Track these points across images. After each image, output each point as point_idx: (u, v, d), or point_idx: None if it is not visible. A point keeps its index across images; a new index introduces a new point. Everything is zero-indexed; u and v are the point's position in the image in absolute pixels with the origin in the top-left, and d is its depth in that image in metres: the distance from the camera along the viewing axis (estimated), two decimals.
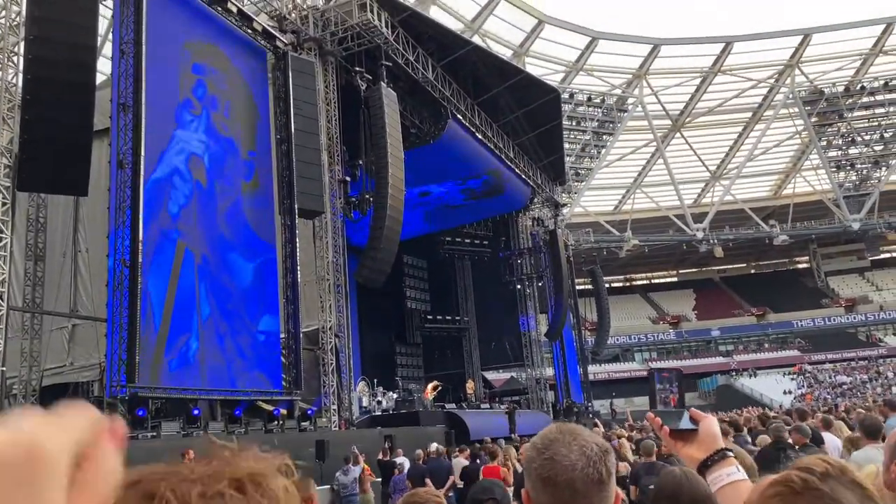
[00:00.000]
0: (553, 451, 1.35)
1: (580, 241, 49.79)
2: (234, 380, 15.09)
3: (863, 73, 50.71)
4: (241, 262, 16.11)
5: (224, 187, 15.94)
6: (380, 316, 31.54)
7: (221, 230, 15.71)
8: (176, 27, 15.37)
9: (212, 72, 16.10)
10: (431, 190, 29.03)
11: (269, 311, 16.66)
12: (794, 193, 57.75)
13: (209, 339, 14.62)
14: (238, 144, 16.72)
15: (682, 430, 1.58)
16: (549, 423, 7.33)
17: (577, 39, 46.60)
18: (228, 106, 16.51)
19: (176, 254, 14.12)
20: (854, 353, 53.33)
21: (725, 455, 1.52)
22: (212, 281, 15.05)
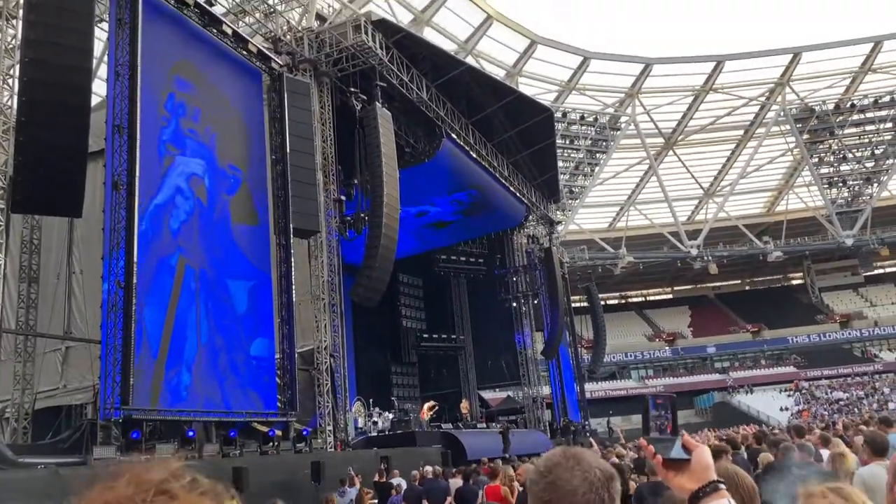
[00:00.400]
0: (555, 475, 1.35)
1: (575, 258, 49.87)
2: (229, 401, 14.98)
3: (852, 90, 51.25)
4: (234, 283, 16.06)
5: (212, 199, 15.88)
6: (375, 335, 31.45)
7: (217, 248, 15.68)
8: (169, 50, 15.40)
9: (185, 84, 15.81)
10: (428, 210, 29.09)
11: (263, 333, 16.57)
12: (787, 210, 58.06)
13: (206, 359, 14.54)
14: (213, 152, 16.29)
15: (674, 459, 1.56)
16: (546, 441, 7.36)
17: (569, 59, 47.03)
18: (197, 111, 16.07)
19: (177, 270, 14.10)
20: (850, 369, 53.33)
21: (717, 487, 1.50)
22: (211, 299, 15.02)
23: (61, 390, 16.64)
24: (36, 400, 16.54)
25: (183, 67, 15.88)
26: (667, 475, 1.59)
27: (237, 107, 17.53)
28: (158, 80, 14.81)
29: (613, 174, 55.01)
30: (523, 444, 24.28)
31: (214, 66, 17.00)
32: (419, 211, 28.52)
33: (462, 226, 32.11)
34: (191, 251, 14.73)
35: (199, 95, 16.27)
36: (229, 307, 15.68)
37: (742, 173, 54.09)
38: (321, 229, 18.73)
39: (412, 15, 39.78)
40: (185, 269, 14.39)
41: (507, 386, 35.72)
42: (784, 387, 52.60)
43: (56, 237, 17.65)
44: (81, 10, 11.93)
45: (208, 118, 16.37)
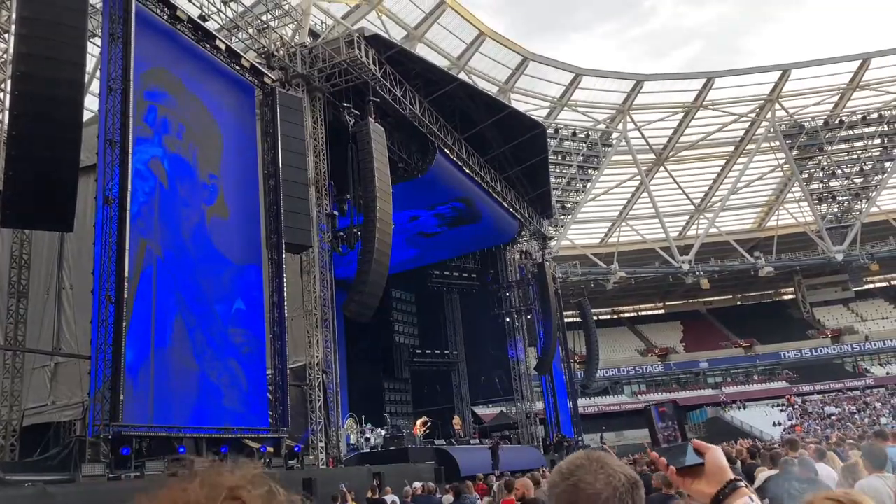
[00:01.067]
0: (578, 477, 1.31)
1: (568, 273, 49.92)
2: (220, 417, 14.84)
3: (841, 107, 51.77)
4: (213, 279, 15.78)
5: (186, 201, 15.54)
6: (368, 351, 31.32)
7: (187, 245, 15.27)
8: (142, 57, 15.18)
9: (162, 96, 15.60)
10: (420, 214, 29.04)
11: (252, 345, 16.45)
12: (777, 225, 58.38)
13: (181, 369, 14.36)
14: (195, 166, 16.16)
15: (687, 466, 1.51)
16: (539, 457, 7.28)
17: (561, 76, 47.36)
18: (181, 128, 15.96)
19: (138, 253, 13.58)
20: (841, 384, 53.43)
21: (737, 486, 1.44)
22: (182, 293, 14.75)
23: (50, 407, 16.45)
24: (24, 417, 16.34)
25: (157, 77, 15.47)
26: (683, 484, 1.54)
27: (218, 116, 17.27)
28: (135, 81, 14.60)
29: (605, 190, 55.25)
30: (516, 459, 24.15)
31: (204, 78, 16.95)
32: (411, 216, 28.48)
33: (453, 240, 32.04)
34: (153, 234, 14.25)
35: (178, 107, 16.03)
36: (215, 311, 15.48)
37: (733, 189, 54.41)
38: (313, 244, 18.68)
39: (405, 31, 40.01)
40: (144, 252, 13.86)
41: (501, 401, 35.59)
42: (777, 402, 52.61)
43: (46, 252, 17.53)
44: (74, 24, 11.92)
45: (189, 132, 16.13)
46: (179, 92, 16.15)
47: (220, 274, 16.05)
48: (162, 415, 13.39)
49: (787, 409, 51.04)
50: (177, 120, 15.85)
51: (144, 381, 13.23)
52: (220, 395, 14.97)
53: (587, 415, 47.04)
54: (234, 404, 15.31)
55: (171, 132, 15.61)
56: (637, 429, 48.19)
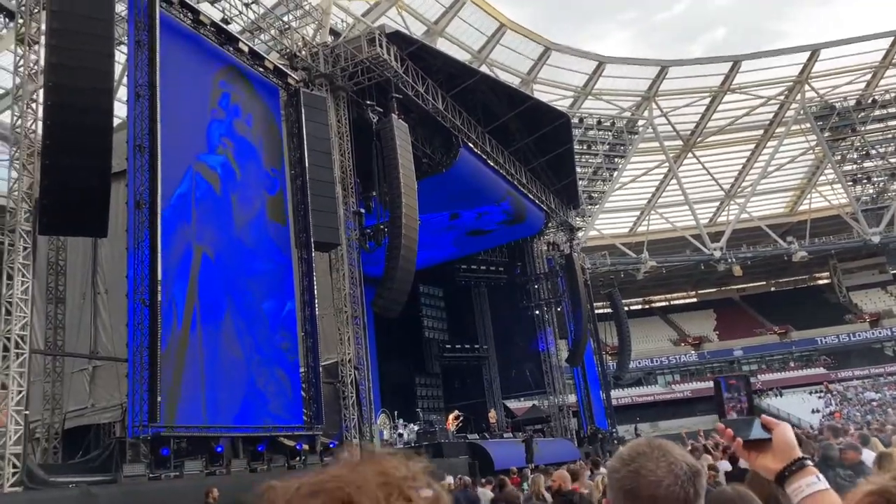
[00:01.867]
0: (639, 464, 1.30)
1: (597, 264, 49.52)
2: (255, 416, 15.02)
3: (873, 86, 50.55)
4: (264, 276, 16.35)
5: (245, 196, 16.37)
6: (398, 347, 31.42)
7: (240, 236, 15.97)
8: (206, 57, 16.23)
9: (233, 87, 16.98)
10: (462, 213, 29.16)
11: (292, 339, 16.72)
12: (810, 209, 57.29)
13: (229, 369, 14.62)
14: (260, 154, 17.28)
15: (754, 440, 1.50)
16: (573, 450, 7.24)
17: (584, 65, 46.94)
18: (251, 118, 17.24)
19: (194, 259, 14.38)
20: (882, 369, 52.29)
21: (804, 464, 1.43)
22: (232, 294, 15.22)
23: (89, 409, 16.80)
24: (65, 420, 16.72)
25: (227, 73, 16.83)
26: (749, 457, 1.53)
27: (269, 110, 18.25)
28: (202, 83, 15.75)
29: (632, 178, 54.69)
30: (550, 452, 24.08)
31: (245, 72, 17.64)
32: (452, 213, 28.76)
33: (496, 234, 32.23)
34: (206, 239, 14.95)
35: (248, 101, 17.37)
36: (259, 307, 15.93)
37: (763, 173, 53.49)
38: (341, 242, 18.80)
39: (425, 27, 39.98)
40: (202, 257, 14.60)
41: (533, 395, 35.47)
42: (814, 388, 51.70)
43: (81, 258, 17.89)
44: (102, 33, 12.12)
45: (257, 123, 17.42)
46: (248, 89, 17.48)
47: (272, 269, 16.66)
48: (208, 415, 13.64)
49: (825, 396, 50.14)
50: (246, 110, 17.04)
51: (194, 384, 13.57)
52: (262, 396, 15.19)
53: (621, 406, 46.69)
54: (274, 404, 15.51)
55: (242, 117, 16.82)
56: (672, 419, 47.75)
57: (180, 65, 15.18)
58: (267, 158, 17.49)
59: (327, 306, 18.57)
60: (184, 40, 15.77)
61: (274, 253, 16.92)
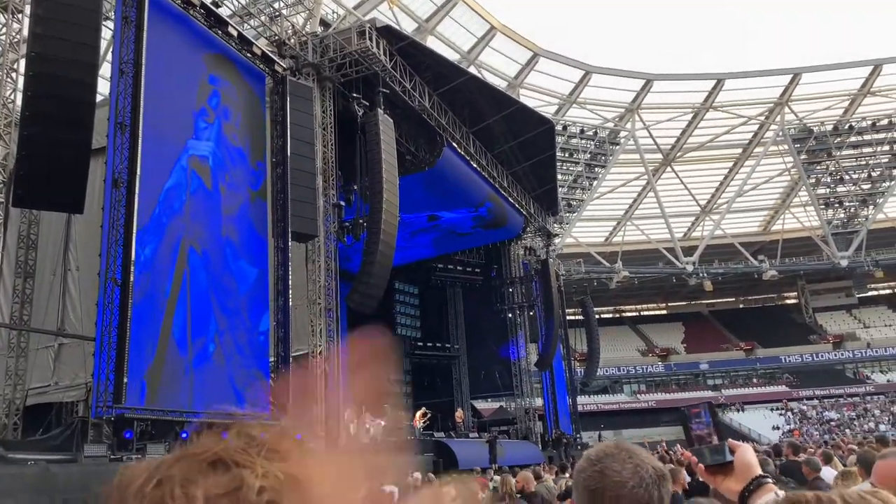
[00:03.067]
0: (605, 464, 1.31)
1: (571, 271, 49.87)
2: (222, 402, 14.92)
3: (851, 112, 51.56)
4: (246, 269, 16.31)
5: (230, 192, 16.32)
6: None
7: (227, 235, 15.93)
8: (194, 42, 15.96)
9: (225, 84, 16.73)
10: (441, 215, 29.19)
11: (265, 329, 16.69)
12: (783, 229, 58.25)
13: (204, 357, 14.53)
14: (247, 153, 17.19)
15: (715, 464, 1.54)
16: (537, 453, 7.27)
17: (570, 73, 47.24)
18: (240, 118, 17.10)
19: (180, 251, 14.34)
20: (842, 390, 53.38)
21: (762, 483, 1.47)
22: (214, 285, 15.15)
23: (53, 387, 16.55)
24: (27, 396, 16.45)
25: (216, 63, 16.63)
26: (714, 482, 1.57)
27: (257, 98, 18.14)
28: (182, 68, 15.40)
29: (611, 189, 55.15)
30: (514, 454, 24.23)
31: (232, 59, 17.46)
32: (430, 215, 28.79)
33: (473, 236, 32.34)
34: (193, 233, 14.97)
35: (237, 97, 17.20)
36: (236, 291, 15.87)
37: (739, 192, 54.28)
38: (319, 234, 18.72)
39: (416, 24, 39.93)
40: (188, 252, 14.60)
41: (500, 396, 35.64)
42: (776, 405, 52.61)
43: (53, 233, 17.61)
44: (89, 6, 11.96)
45: (245, 121, 17.28)
46: (236, 79, 17.19)
47: (255, 253, 16.72)
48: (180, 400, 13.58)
49: (785, 414, 51.05)
50: (236, 109, 16.86)
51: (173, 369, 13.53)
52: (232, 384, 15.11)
53: (586, 412, 47.08)
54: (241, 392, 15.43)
55: (231, 120, 16.63)
56: (636, 428, 48.26)
57: (167, 45, 15.02)
58: (252, 154, 17.47)
59: (301, 297, 18.48)
60: (172, 20, 15.60)
61: (255, 245, 16.91)
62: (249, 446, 0.69)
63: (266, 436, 0.73)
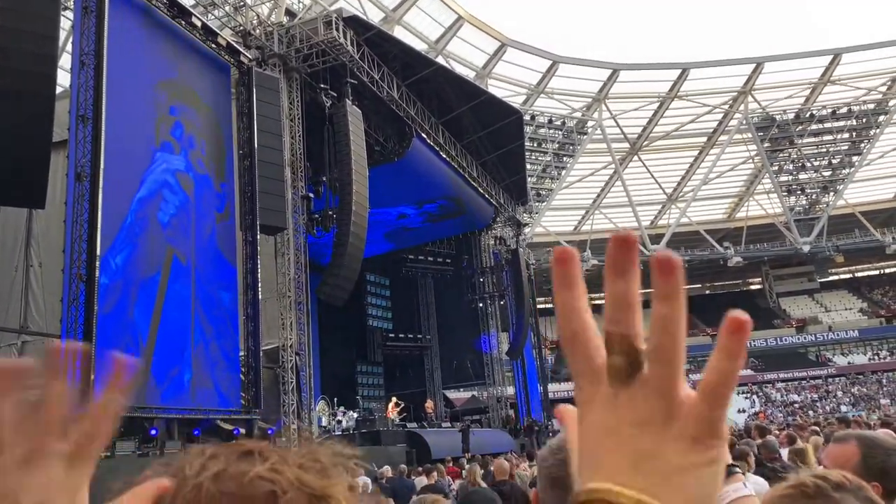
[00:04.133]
0: (567, 452, 1.35)
1: (541, 260, 50.20)
2: (191, 398, 14.78)
3: (812, 101, 52.62)
4: (215, 286, 16.24)
5: (203, 213, 16.26)
6: (341, 334, 31.27)
7: (205, 248, 15.88)
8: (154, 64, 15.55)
9: (185, 111, 16.37)
10: (407, 212, 29.20)
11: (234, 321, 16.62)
12: (747, 216, 59.32)
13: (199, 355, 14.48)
14: (212, 179, 16.97)
15: None
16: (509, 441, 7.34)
17: (538, 63, 47.42)
18: (204, 144, 16.79)
19: (165, 260, 14.34)
20: (805, 373, 54.72)
21: (732, 472, 1.50)
22: (202, 295, 15.12)
23: None
24: None
25: (165, 86, 15.99)
26: None
27: (216, 117, 17.66)
28: (137, 83, 14.99)
29: (580, 178, 55.60)
30: (486, 442, 24.40)
31: (190, 79, 17.00)
32: (400, 213, 28.73)
33: (432, 229, 32.31)
34: (180, 244, 14.98)
35: (197, 120, 16.75)
36: (212, 304, 15.75)
37: (704, 180, 55.12)
38: (288, 226, 18.57)
39: (383, 13, 39.69)
40: (172, 260, 14.59)
41: (472, 386, 35.84)
42: (742, 389, 53.73)
43: (13, 229, 17.20)
44: None
45: (209, 147, 16.93)
46: (194, 101, 16.74)
47: (221, 270, 16.62)
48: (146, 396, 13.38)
49: (751, 397, 52.19)
50: (199, 136, 16.55)
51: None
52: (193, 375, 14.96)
53: (557, 399, 47.48)
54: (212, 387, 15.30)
55: (196, 147, 16.35)
56: None
57: (129, 36, 14.70)
58: (216, 178, 17.17)
59: (270, 290, 18.34)
60: (134, 10, 15.28)
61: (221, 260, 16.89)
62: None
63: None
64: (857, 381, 52.77)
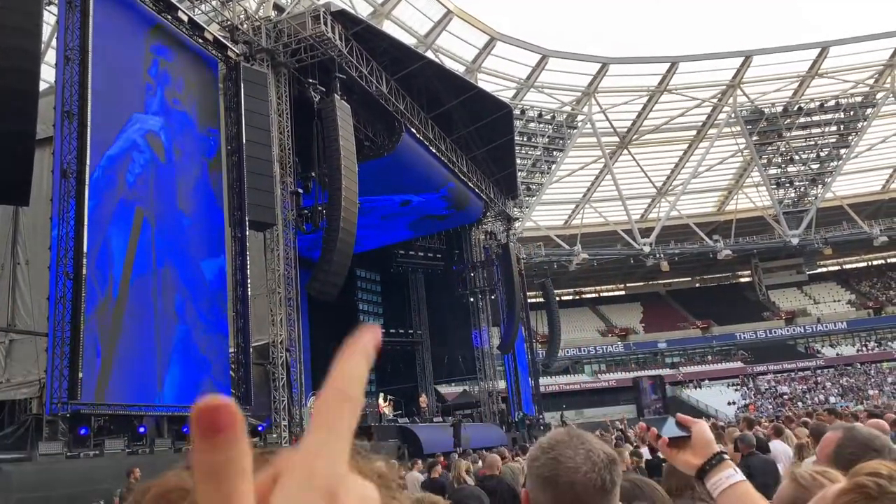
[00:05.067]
0: (558, 451, 1.34)
1: (532, 254, 50.30)
2: (180, 395, 14.69)
3: (800, 94, 52.80)
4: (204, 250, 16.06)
5: (183, 162, 15.99)
6: (332, 330, 31.12)
7: (182, 209, 15.62)
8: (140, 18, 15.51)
9: (165, 51, 16.34)
10: (412, 199, 29.10)
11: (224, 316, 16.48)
12: (736, 209, 59.55)
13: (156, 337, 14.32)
14: (193, 118, 16.74)
15: (676, 437, 1.61)
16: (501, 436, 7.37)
17: (528, 57, 47.34)
18: (181, 82, 16.63)
19: (134, 221, 14.09)
20: (794, 364, 55.08)
21: (722, 458, 1.54)
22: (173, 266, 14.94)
23: (5, 384, 16.10)
24: None
25: (158, 34, 16.14)
26: (670, 454, 1.63)
27: (205, 66, 17.70)
28: (135, 49, 15.09)
29: (570, 172, 55.62)
30: (478, 437, 24.45)
31: (175, 56, 16.92)
32: (403, 200, 28.71)
33: (426, 221, 32.28)
34: (148, 203, 14.74)
35: (178, 63, 16.64)
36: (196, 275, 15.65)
37: (694, 173, 55.27)
38: (277, 222, 18.50)
39: (372, 7, 39.50)
40: (142, 220, 14.38)
41: (464, 380, 35.89)
42: (732, 381, 54.04)
43: (0, 226, 17.04)
44: None
45: (188, 87, 16.76)
46: (180, 49, 16.75)
47: (215, 229, 16.49)
48: (124, 392, 13.24)
49: (741, 389, 52.50)
50: (177, 73, 16.39)
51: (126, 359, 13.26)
52: (189, 375, 14.87)
53: (548, 393, 47.70)
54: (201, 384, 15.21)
55: (172, 84, 16.12)
56: (597, 407, 49.09)
57: (114, 30, 14.58)
58: (201, 120, 17.03)
59: (260, 287, 18.27)
60: (119, 5, 15.14)
61: (216, 219, 16.67)
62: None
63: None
64: (846, 372, 53.15)
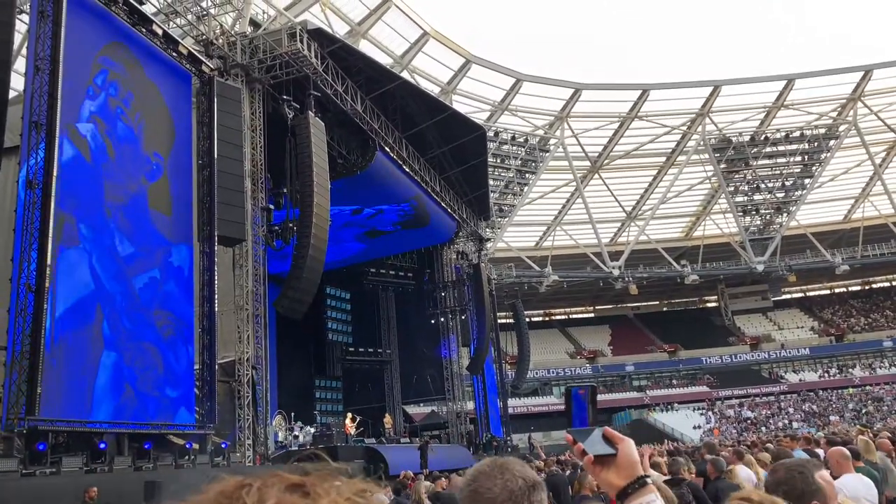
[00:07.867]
0: (478, 483, 1.37)
1: (503, 275, 50.52)
2: (142, 411, 14.42)
3: (767, 124, 54.14)
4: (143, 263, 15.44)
5: (123, 170, 15.26)
6: (300, 348, 30.92)
7: (114, 217, 14.81)
8: (98, 33, 15.13)
9: (117, 66, 15.71)
10: (366, 210, 29.06)
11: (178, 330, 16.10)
12: (703, 235, 60.55)
13: (112, 356, 13.97)
14: (138, 137, 16.03)
15: (602, 454, 1.50)
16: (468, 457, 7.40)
17: (502, 80, 47.89)
18: (130, 97, 15.96)
19: (57, 227, 12.82)
20: (758, 389, 55.84)
21: (645, 482, 1.47)
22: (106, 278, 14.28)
23: None
24: None
25: (114, 50, 15.64)
26: (594, 471, 1.53)
27: (166, 99, 17.16)
28: (85, 57, 14.54)
29: (541, 194, 56.14)
30: (445, 458, 24.31)
31: (139, 56, 16.61)
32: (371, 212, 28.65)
33: (396, 236, 32.15)
34: (71, 207, 13.51)
35: (131, 80, 16.13)
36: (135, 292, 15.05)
37: (663, 199, 56.16)
38: (247, 238, 18.36)
39: (348, 27, 39.70)
40: (63, 227, 13.15)
41: (432, 401, 35.71)
42: (697, 405, 54.57)
43: None
44: None
45: (138, 104, 16.16)
46: (133, 68, 16.17)
47: (151, 250, 15.75)
48: (77, 407, 12.92)
49: (706, 413, 53.02)
50: (126, 88, 15.81)
51: (61, 371, 12.77)
52: (149, 391, 14.56)
53: (517, 415, 47.68)
54: (162, 400, 14.92)
55: (119, 96, 15.51)
56: (565, 428, 49.10)
57: (86, 42, 14.43)
58: (147, 142, 16.28)
59: (227, 303, 18.07)
60: (92, 16, 15.03)
61: (155, 242, 16.03)
62: (327, 479, 0.79)
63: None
64: (808, 398, 54.03)
